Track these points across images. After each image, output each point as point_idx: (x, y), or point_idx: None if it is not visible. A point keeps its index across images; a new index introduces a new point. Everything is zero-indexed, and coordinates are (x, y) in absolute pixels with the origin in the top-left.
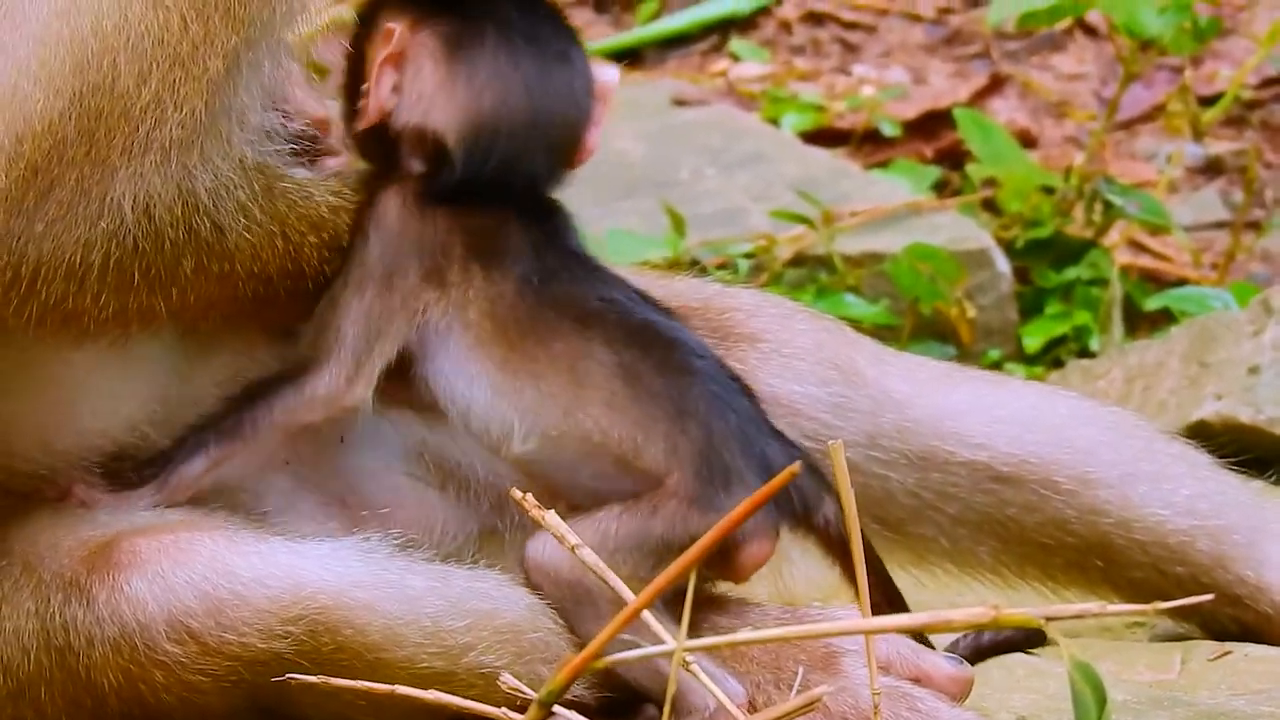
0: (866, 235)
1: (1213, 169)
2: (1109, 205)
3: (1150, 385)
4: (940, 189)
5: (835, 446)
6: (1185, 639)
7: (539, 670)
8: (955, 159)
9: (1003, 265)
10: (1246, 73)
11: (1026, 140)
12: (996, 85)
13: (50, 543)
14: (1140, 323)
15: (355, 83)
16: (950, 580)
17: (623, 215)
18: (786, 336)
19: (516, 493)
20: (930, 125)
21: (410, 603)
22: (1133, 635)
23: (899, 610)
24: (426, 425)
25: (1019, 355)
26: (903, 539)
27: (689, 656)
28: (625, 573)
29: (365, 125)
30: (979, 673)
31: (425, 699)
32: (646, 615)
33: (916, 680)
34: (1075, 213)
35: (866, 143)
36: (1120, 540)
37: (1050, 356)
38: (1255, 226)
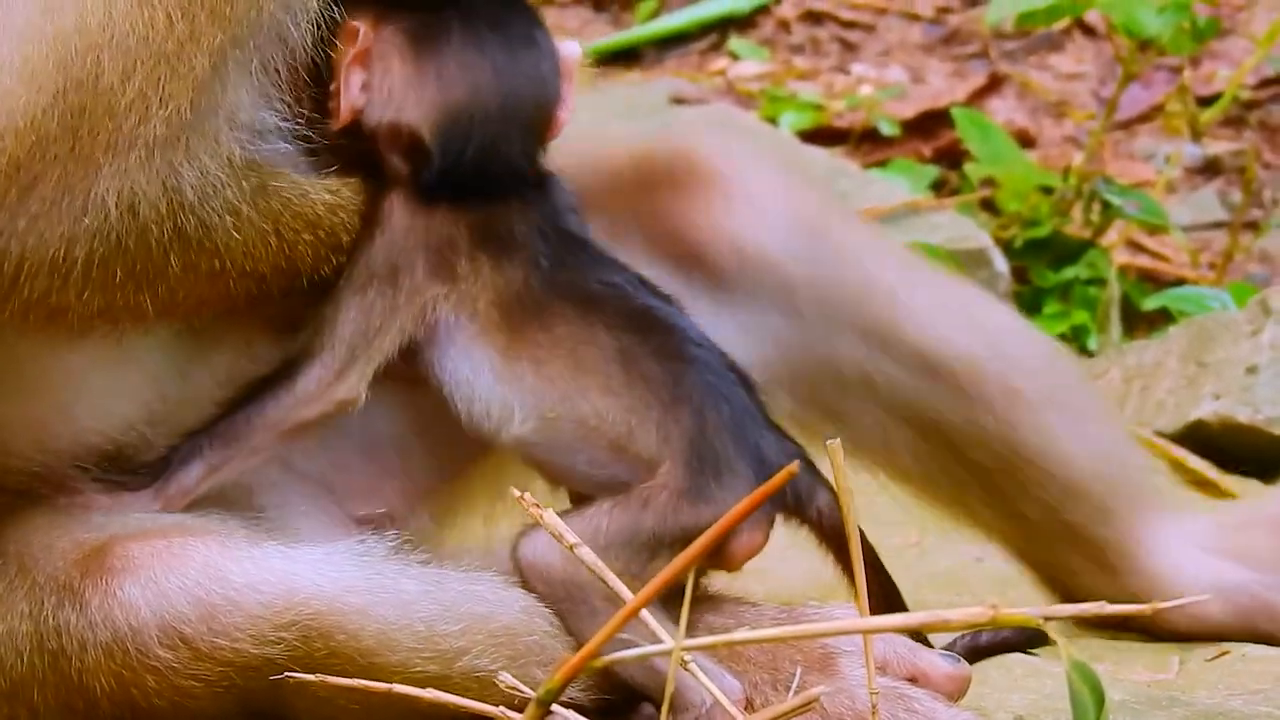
0: None
1: (1211, 169)
2: (1107, 205)
3: (1148, 385)
4: (938, 188)
5: (834, 446)
6: (1183, 639)
7: (534, 673)
8: (953, 158)
9: (1001, 265)
10: (1245, 73)
11: (1025, 140)
12: (995, 85)
13: (45, 544)
14: (1138, 322)
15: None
16: (869, 482)
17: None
18: (755, 185)
19: (515, 491)
20: (929, 125)
21: (404, 607)
22: (1130, 635)
23: (896, 608)
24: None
25: None
26: (834, 418)
27: (687, 656)
28: (618, 567)
29: (338, 126)
30: (977, 672)
31: (423, 698)
32: (645, 614)
33: (913, 679)
34: (1073, 212)
35: (865, 142)
36: (1031, 467)
37: None
38: (1253, 227)
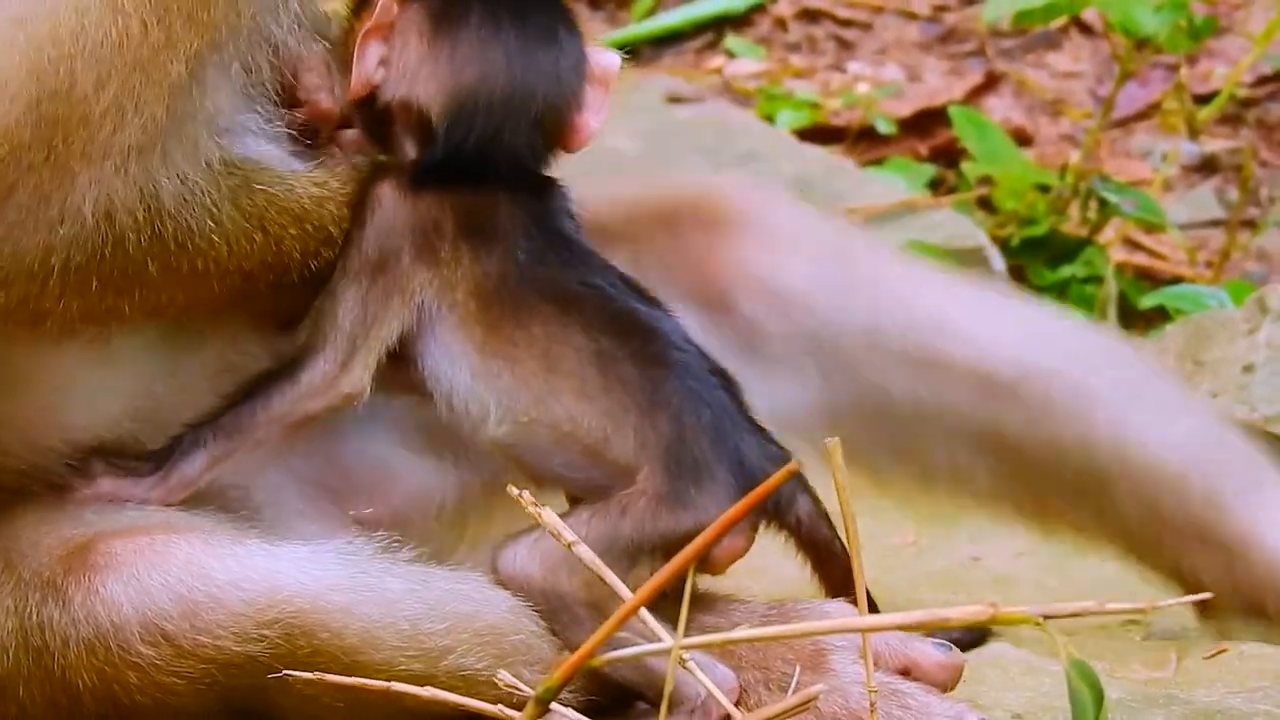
0: None
1: (1208, 167)
2: (1104, 203)
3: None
4: (935, 187)
5: (833, 445)
6: (1180, 637)
7: (521, 673)
8: (950, 157)
9: (998, 263)
10: (1242, 71)
11: (1022, 138)
12: (992, 83)
13: (32, 540)
14: (1135, 320)
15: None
16: (938, 511)
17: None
18: (783, 224)
19: (513, 489)
20: (925, 123)
21: (388, 605)
22: (1127, 633)
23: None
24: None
25: None
26: (902, 456)
27: (686, 654)
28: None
29: (351, 98)
30: (973, 671)
31: (421, 695)
32: (644, 613)
33: (905, 670)
34: (1070, 211)
35: (862, 140)
36: (1116, 469)
37: None
38: (1250, 225)
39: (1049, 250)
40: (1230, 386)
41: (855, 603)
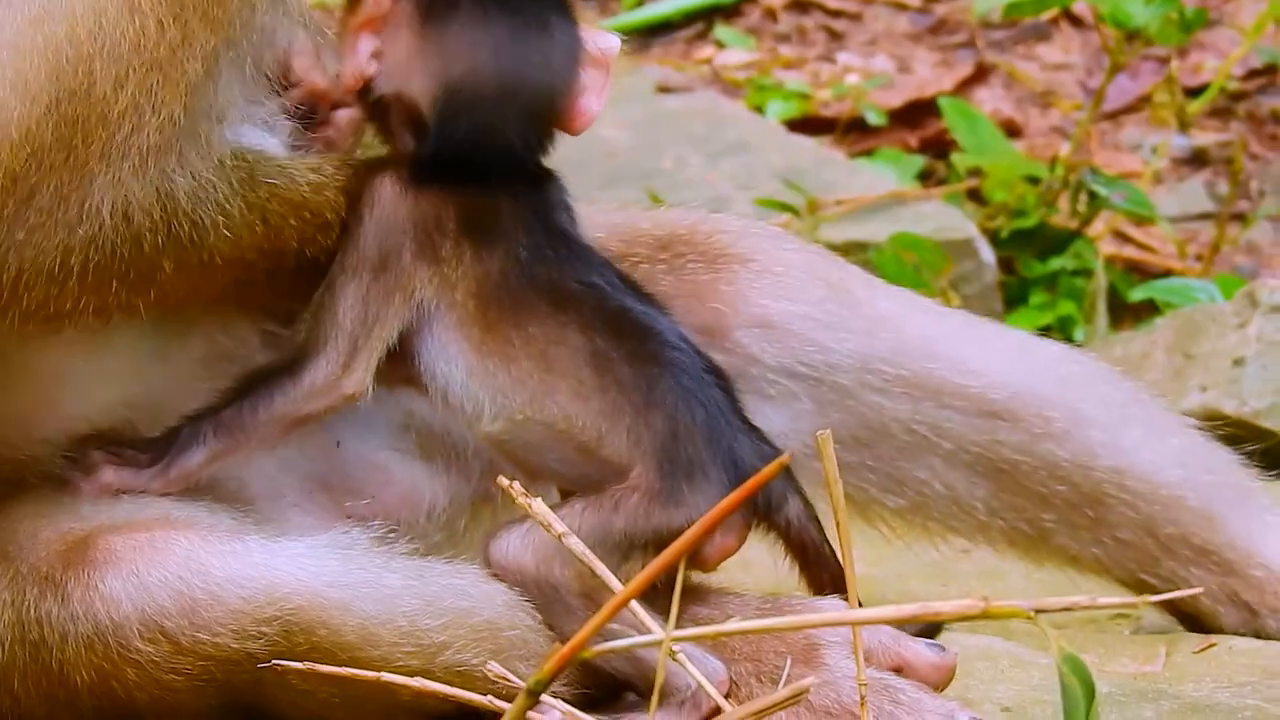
0: (851, 224)
1: (1198, 160)
2: (1094, 196)
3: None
4: (925, 178)
5: (824, 438)
6: (1169, 631)
7: (517, 667)
8: (940, 148)
9: (987, 255)
10: (1232, 64)
11: (1011, 130)
12: (982, 75)
13: (30, 533)
14: (1125, 314)
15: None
16: (929, 543)
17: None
18: (777, 256)
19: (503, 479)
20: (915, 114)
21: (386, 601)
22: (1117, 627)
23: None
24: (411, 396)
25: None
26: (895, 486)
27: (676, 646)
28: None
29: (346, 92)
30: (963, 665)
31: (408, 689)
32: (635, 605)
33: (897, 669)
34: (1060, 203)
35: (851, 131)
36: (1112, 490)
37: None
38: (1240, 218)
39: (1038, 242)
40: (1220, 380)
41: (846, 599)
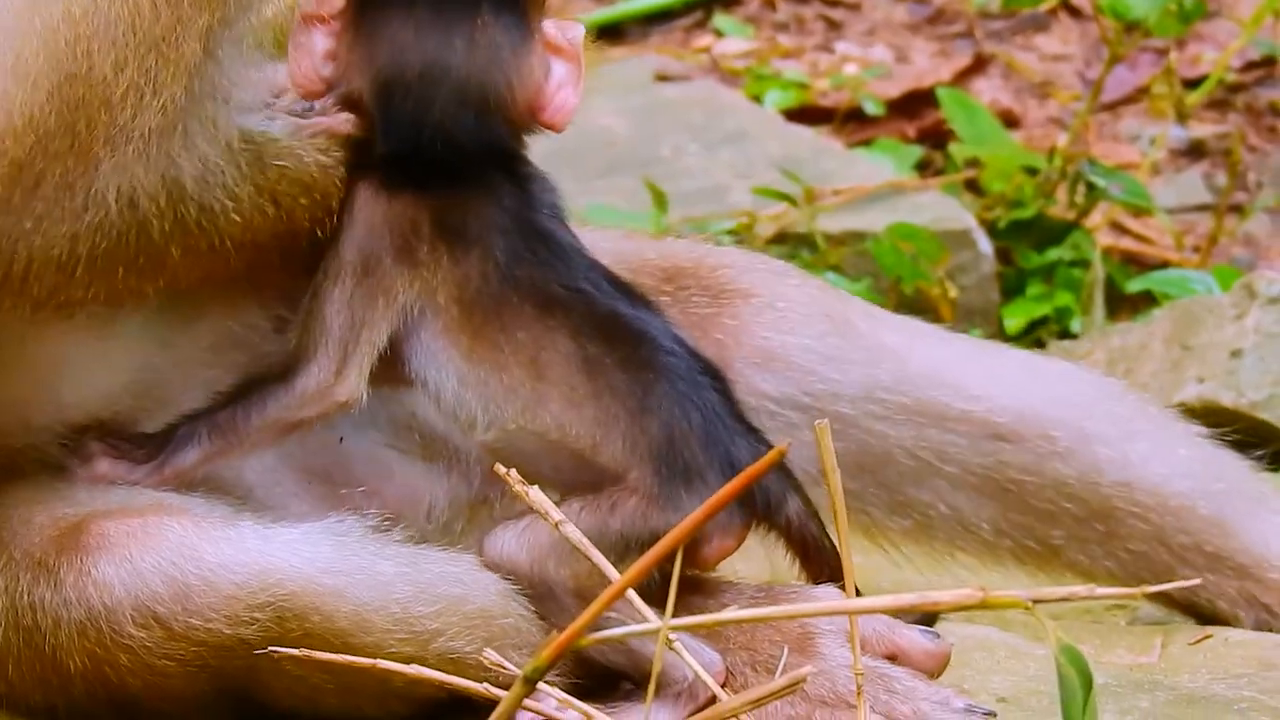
0: (849, 214)
1: (1196, 152)
2: (1092, 187)
3: (1132, 368)
4: (923, 169)
5: (821, 427)
6: (1165, 623)
7: (510, 656)
8: (938, 139)
9: (985, 246)
10: (1230, 55)
11: (1009, 121)
12: (980, 65)
13: (24, 519)
14: (1122, 305)
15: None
16: (936, 563)
17: (604, 192)
18: (780, 290)
19: (500, 468)
20: (913, 104)
21: (379, 589)
22: (1113, 618)
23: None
24: (414, 397)
25: (1000, 336)
26: (900, 509)
27: (672, 635)
28: (584, 569)
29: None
30: (958, 655)
31: (406, 674)
32: (631, 594)
33: (892, 657)
34: (1058, 194)
35: (849, 121)
36: (1121, 504)
37: (1031, 338)
38: (1238, 210)
39: (1036, 233)
40: (1218, 372)
41: (843, 587)
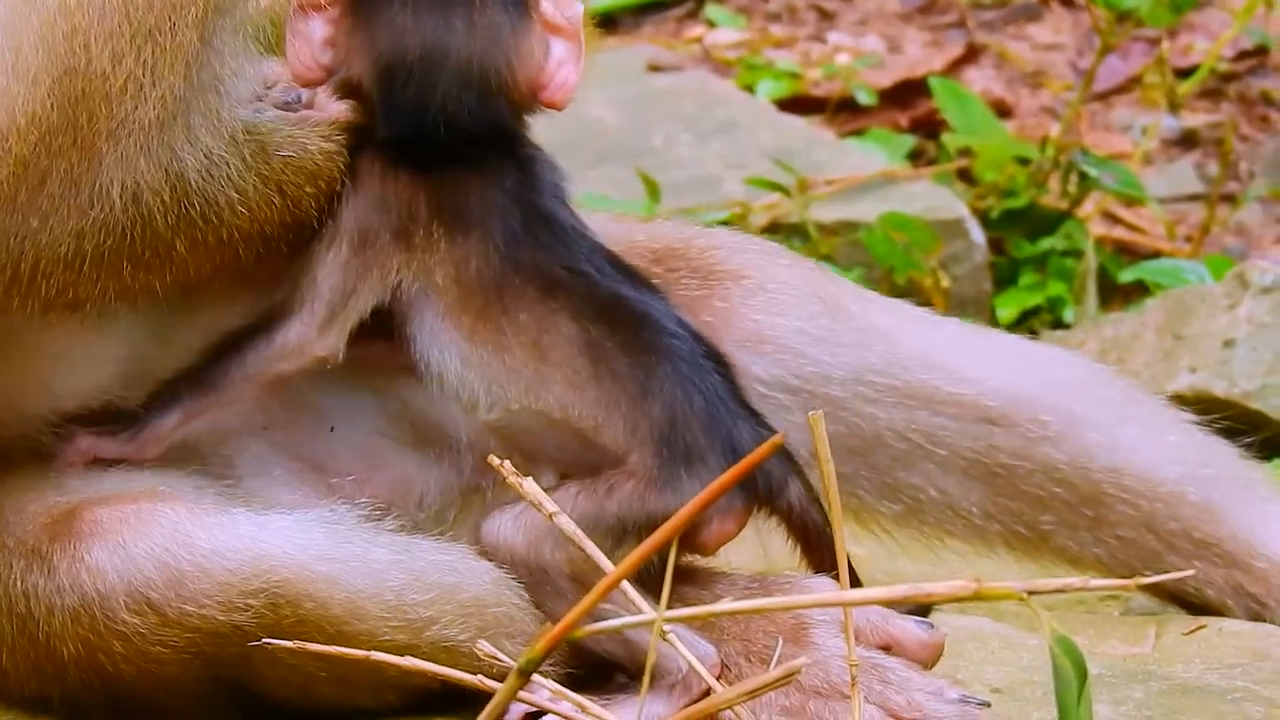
0: (841, 204)
1: (1188, 141)
2: (1084, 176)
3: (1124, 357)
4: (915, 158)
5: (815, 418)
6: (1159, 613)
7: (503, 645)
8: (930, 128)
9: (977, 235)
10: (1223, 45)
11: (1002, 110)
12: (972, 55)
13: (16, 506)
14: (1114, 294)
15: None
16: (926, 547)
17: (596, 182)
18: (771, 272)
19: (494, 459)
20: (906, 94)
21: (373, 576)
22: (1106, 608)
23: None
24: (407, 387)
25: (993, 326)
26: (889, 493)
27: (667, 626)
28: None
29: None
30: (952, 646)
31: (400, 665)
32: (626, 585)
33: (886, 647)
34: (1050, 184)
35: (842, 111)
36: (1110, 489)
37: (1024, 327)
38: (1230, 199)
39: (1028, 223)
40: (1210, 361)
41: (838, 577)
